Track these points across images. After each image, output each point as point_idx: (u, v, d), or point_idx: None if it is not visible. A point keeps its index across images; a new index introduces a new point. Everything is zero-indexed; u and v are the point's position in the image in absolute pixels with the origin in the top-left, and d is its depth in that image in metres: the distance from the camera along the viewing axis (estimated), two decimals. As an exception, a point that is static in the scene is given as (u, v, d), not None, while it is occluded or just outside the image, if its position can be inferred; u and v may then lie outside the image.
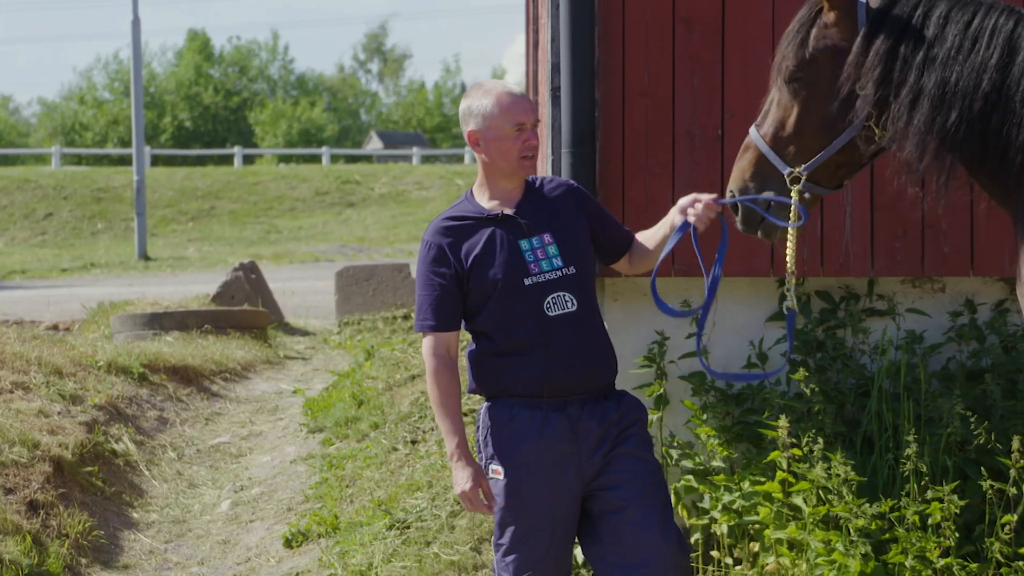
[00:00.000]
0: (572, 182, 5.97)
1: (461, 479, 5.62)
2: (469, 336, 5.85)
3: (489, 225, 5.69)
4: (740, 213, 5.55)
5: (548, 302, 5.61)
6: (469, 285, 5.66)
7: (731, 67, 7.70)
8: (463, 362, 5.91)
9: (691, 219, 5.64)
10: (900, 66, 5.11)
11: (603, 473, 5.66)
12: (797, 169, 5.35)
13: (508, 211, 5.71)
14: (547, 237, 5.67)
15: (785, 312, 5.75)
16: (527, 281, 5.61)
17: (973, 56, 5.02)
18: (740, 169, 5.51)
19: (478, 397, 6.41)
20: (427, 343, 5.74)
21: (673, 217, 5.76)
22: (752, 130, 5.48)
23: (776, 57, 5.41)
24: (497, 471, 5.67)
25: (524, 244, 5.65)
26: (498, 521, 5.72)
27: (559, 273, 5.64)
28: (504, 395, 5.69)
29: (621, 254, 5.95)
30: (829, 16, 5.24)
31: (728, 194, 5.56)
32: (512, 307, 5.62)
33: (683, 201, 5.71)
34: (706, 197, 5.67)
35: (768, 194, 5.46)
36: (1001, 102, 4.99)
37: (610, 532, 5.65)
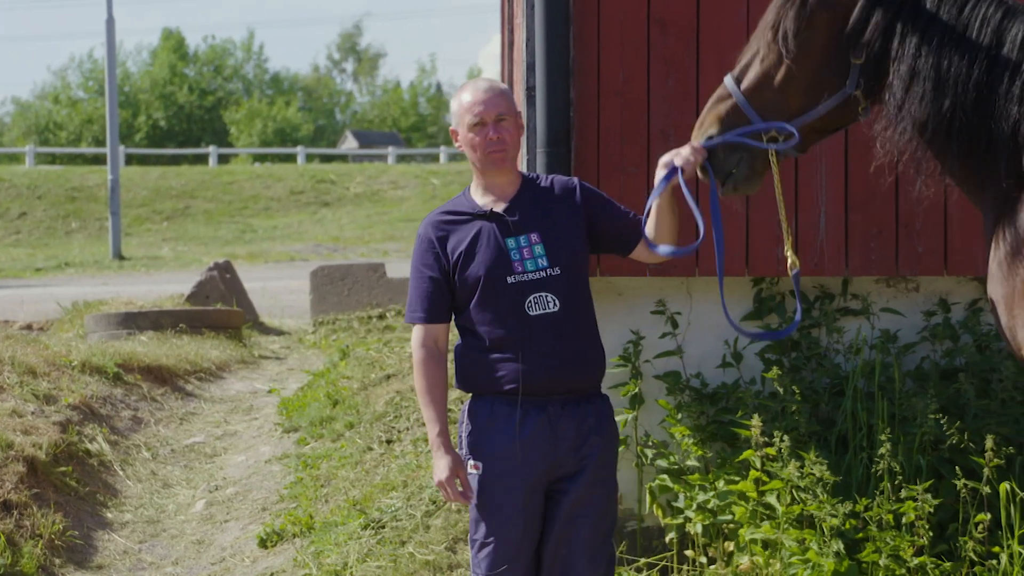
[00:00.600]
0: (575, 179, 5.93)
1: (439, 468, 5.66)
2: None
3: (479, 221, 5.73)
4: (711, 164, 5.48)
5: (529, 301, 5.63)
6: (455, 280, 5.71)
7: (705, 69, 7.71)
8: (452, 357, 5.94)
9: (678, 162, 5.55)
10: (897, 44, 5.13)
11: (572, 478, 5.71)
12: (775, 130, 5.34)
13: (498, 208, 5.74)
14: (535, 236, 5.69)
15: (790, 273, 5.68)
16: (510, 279, 5.64)
17: (964, 44, 5.04)
18: (713, 116, 5.46)
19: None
20: (416, 335, 5.79)
21: (660, 176, 5.66)
22: (729, 80, 5.44)
23: (768, 13, 5.38)
24: (475, 466, 5.71)
25: (511, 242, 5.68)
26: (473, 517, 5.76)
27: (543, 273, 5.65)
28: (485, 392, 5.72)
29: (635, 243, 5.87)
30: None
31: (699, 139, 5.48)
32: (494, 304, 5.65)
33: (665, 157, 5.64)
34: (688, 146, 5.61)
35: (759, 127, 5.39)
36: (986, 94, 5.02)
37: (555, 537, 5.73)
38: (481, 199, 5.79)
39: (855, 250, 7.76)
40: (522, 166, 8.06)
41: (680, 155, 5.55)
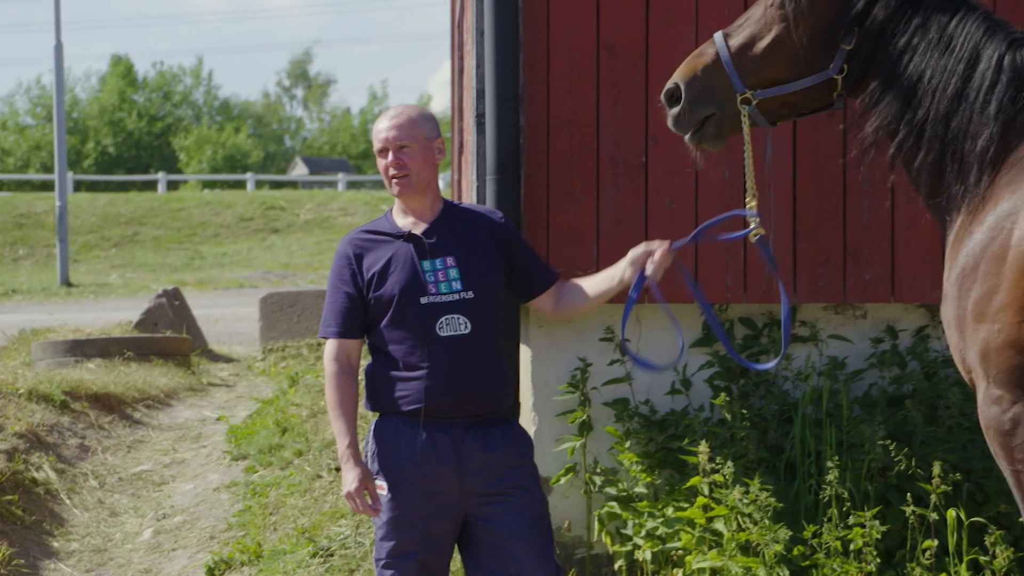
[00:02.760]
0: (498, 214, 6.06)
1: (348, 479, 5.70)
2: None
3: (397, 242, 5.82)
4: (674, 112, 5.54)
5: (441, 323, 5.71)
6: (369, 298, 5.79)
7: (655, 94, 7.72)
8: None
9: (648, 271, 5.72)
10: (886, 43, 5.23)
11: (487, 503, 5.76)
12: (750, 93, 5.39)
13: (417, 230, 5.83)
14: (450, 260, 5.78)
15: (754, 241, 5.71)
16: (423, 300, 5.72)
17: (946, 57, 5.13)
18: (692, 66, 5.50)
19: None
20: (329, 349, 5.86)
21: (623, 270, 5.83)
22: (719, 36, 5.48)
23: None
24: (380, 487, 5.76)
25: (426, 264, 5.77)
26: (377, 537, 5.83)
27: (456, 296, 5.74)
28: (390, 412, 5.79)
29: (537, 293, 6.04)
30: None
31: (671, 84, 5.53)
32: (405, 324, 5.73)
33: (635, 252, 5.79)
34: (658, 245, 5.74)
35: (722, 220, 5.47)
36: (960, 109, 5.09)
37: (491, 560, 5.77)
38: (401, 221, 5.90)
39: (803, 277, 7.79)
40: (471, 193, 8.07)
41: (652, 262, 5.72)
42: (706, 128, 5.52)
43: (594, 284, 5.98)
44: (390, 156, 5.80)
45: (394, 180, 5.81)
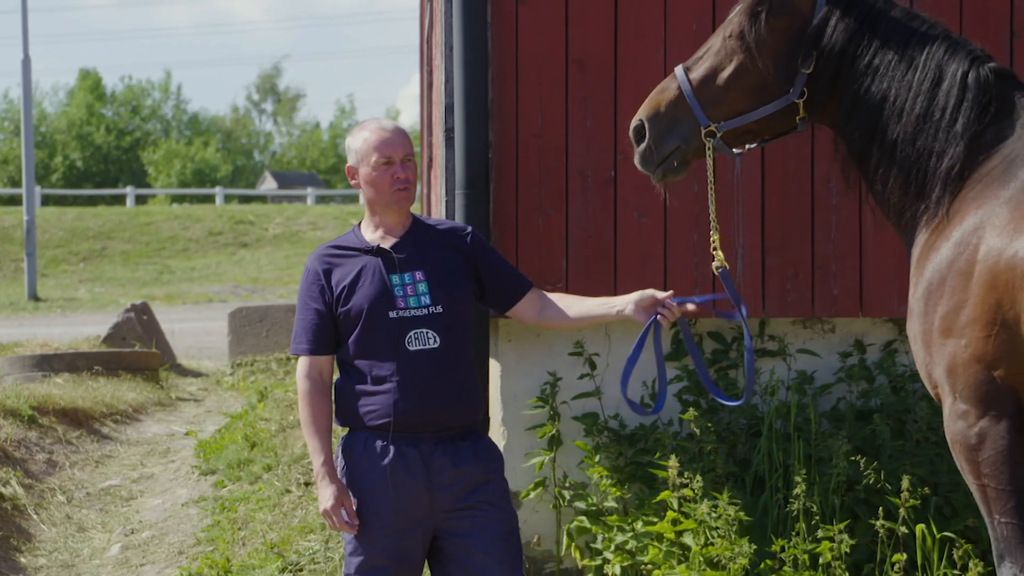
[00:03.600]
0: (466, 227, 6.05)
1: (324, 497, 5.70)
2: None
3: (366, 257, 5.81)
4: (640, 150, 5.56)
5: (410, 337, 5.70)
6: (338, 313, 5.78)
7: (624, 109, 7.75)
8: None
9: (660, 320, 5.75)
10: (847, 66, 5.26)
11: (456, 518, 5.74)
12: (713, 125, 5.41)
13: (386, 245, 5.82)
14: (419, 275, 5.77)
15: (717, 272, 5.76)
16: (392, 314, 5.71)
17: (910, 76, 5.16)
18: (656, 102, 5.53)
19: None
20: (301, 366, 5.86)
21: (625, 304, 5.82)
22: (680, 71, 5.51)
23: (732, 13, 5.49)
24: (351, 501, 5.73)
25: (395, 279, 5.76)
26: (347, 552, 5.81)
27: (425, 311, 5.73)
28: (360, 427, 5.78)
29: (514, 302, 6.01)
30: None
31: (636, 121, 5.56)
32: (375, 339, 5.72)
33: (641, 297, 5.78)
34: (664, 297, 5.76)
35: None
36: (925, 128, 5.12)
37: (460, 575, 5.76)
38: (370, 235, 5.89)
39: (772, 292, 7.82)
40: (441, 207, 8.07)
41: (663, 314, 5.75)
42: (670, 162, 5.53)
43: (588, 307, 5.96)
44: (397, 169, 5.77)
45: (398, 192, 5.78)
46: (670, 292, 5.79)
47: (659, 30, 7.80)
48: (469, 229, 6.04)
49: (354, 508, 5.71)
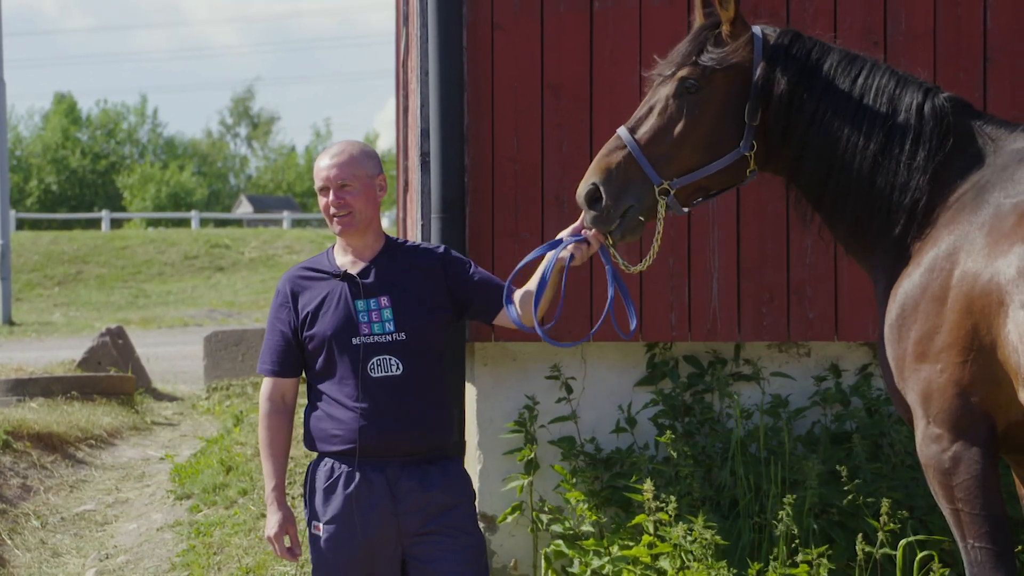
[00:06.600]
0: (440, 249, 5.99)
1: (270, 523, 5.77)
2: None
3: (334, 281, 5.81)
4: (595, 213, 5.45)
5: (372, 363, 5.69)
6: (303, 337, 5.79)
7: (599, 134, 7.77)
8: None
9: (576, 252, 5.58)
10: (796, 114, 5.26)
11: (424, 543, 5.73)
12: (666, 183, 5.39)
13: (354, 270, 5.81)
14: (384, 300, 5.75)
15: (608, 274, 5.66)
16: (355, 340, 5.71)
17: (861, 114, 5.17)
18: (605, 164, 5.42)
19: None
20: (264, 387, 5.89)
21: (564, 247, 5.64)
22: (623, 131, 5.44)
23: (662, 67, 5.46)
24: (317, 527, 5.77)
25: (360, 304, 5.75)
26: None
27: (389, 338, 5.71)
28: (326, 452, 5.78)
29: (498, 310, 5.89)
30: (727, 39, 5.33)
31: (589, 185, 5.42)
32: (339, 364, 5.73)
33: (565, 233, 5.63)
34: (577, 225, 5.62)
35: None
36: (884, 163, 5.13)
37: None
38: (340, 259, 5.89)
39: (747, 315, 7.84)
40: (416, 232, 8.08)
41: (576, 248, 5.58)
42: (626, 222, 5.45)
43: (541, 274, 5.72)
44: (331, 195, 5.76)
45: (335, 219, 5.77)
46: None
47: (634, 57, 7.82)
48: (442, 248, 5.99)
49: (318, 532, 5.71)
